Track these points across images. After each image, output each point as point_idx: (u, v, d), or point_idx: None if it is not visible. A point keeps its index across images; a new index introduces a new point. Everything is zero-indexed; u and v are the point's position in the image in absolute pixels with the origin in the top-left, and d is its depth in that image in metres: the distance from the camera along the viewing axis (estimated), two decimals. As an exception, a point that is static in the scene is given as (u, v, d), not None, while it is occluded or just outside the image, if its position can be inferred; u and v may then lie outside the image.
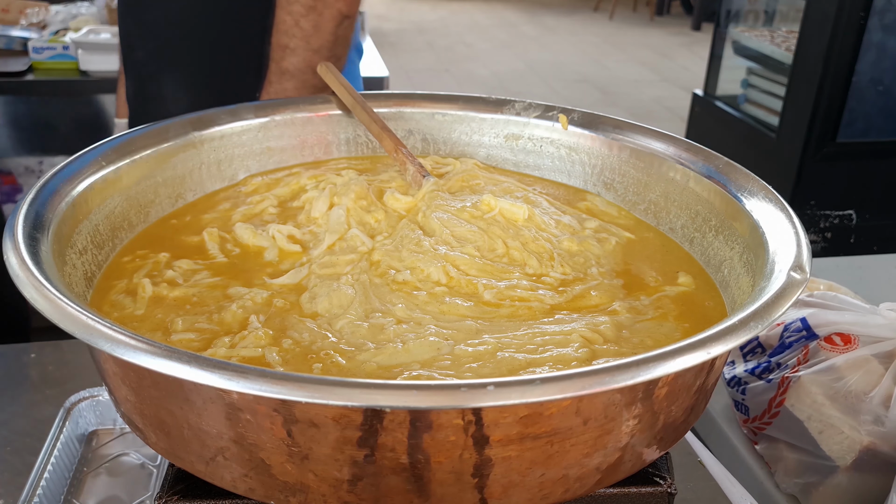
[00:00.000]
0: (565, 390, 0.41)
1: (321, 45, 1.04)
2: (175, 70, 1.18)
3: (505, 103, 0.89)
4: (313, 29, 1.03)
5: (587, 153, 0.85)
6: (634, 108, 5.48)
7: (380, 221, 0.73)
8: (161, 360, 0.41)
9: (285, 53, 1.05)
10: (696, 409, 0.55)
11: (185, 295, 0.62)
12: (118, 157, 0.71)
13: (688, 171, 0.74)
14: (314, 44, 1.04)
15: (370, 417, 0.42)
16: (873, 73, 2.58)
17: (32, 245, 0.53)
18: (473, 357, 0.54)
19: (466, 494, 0.46)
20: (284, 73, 1.06)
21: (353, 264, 0.66)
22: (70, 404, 0.91)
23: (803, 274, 0.53)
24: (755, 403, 0.96)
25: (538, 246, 0.69)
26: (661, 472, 0.56)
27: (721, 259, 0.68)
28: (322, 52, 1.05)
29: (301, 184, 0.81)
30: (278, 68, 1.06)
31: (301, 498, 0.47)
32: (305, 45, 1.04)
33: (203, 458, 0.48)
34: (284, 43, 1.04)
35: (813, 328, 0.93)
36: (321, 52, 1.05)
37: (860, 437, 0.84)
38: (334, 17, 1.03)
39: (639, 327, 0.60)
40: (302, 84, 1.06)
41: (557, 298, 0.63)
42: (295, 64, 1.05)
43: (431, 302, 0.61)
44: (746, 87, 3.11)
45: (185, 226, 0.74)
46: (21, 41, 2.42)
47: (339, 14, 1.03)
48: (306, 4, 1.02)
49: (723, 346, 0.45)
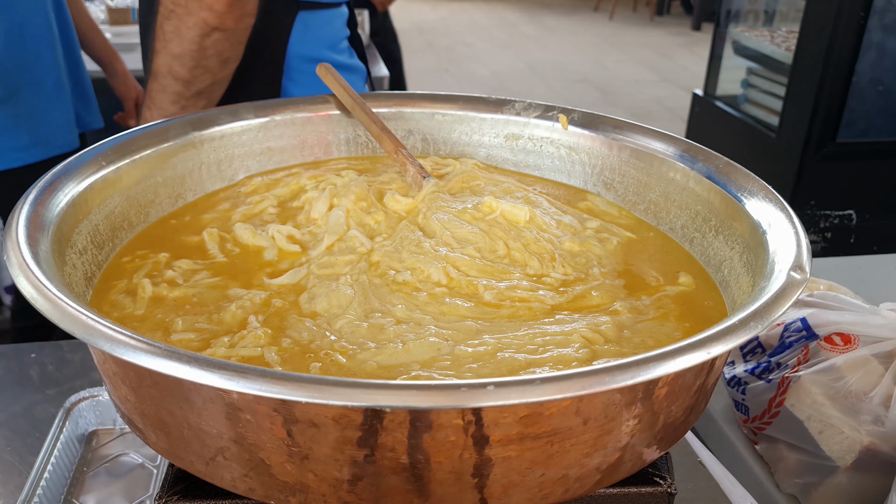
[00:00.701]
0: (565, 390, 0.41)
1: (182, 52, 0.99)
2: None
3: (505, 103, 0.89)
4: (173, 34, 0.99)
5: (587, 153, 0.85)
6: (634, 108, 5.49)
7: (379, 223, 0.73)
8: (161, 360, 0.41)
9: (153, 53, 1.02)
10: (696, 409, 0.55)
11: (185, 295, 0.62)
12: (118, 157, 0.71)
13: (688, 171, 0.74)
14: (174, 50, 1.00)
15: (370, 417, 0.42)
16: (873, 73, 2.58)
17: (32, 245, 0.53)
18: (473, 357, 0.54)
19: (466, 494, 0.46)
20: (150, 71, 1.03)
21: (352, 265, 0.66)
22: (70, 404, 0.91)
23: (803, 274, 0.53)
24: (755, 403, 0.96)
25: (539, 247, 0.69)
26: (661, 472, 0.56)
27: (721, 259, 0.68)
28: (184, 59, 1.00)
29: (301, 184, 0.81)
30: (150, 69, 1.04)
31: (301, 498, 0.47)
32: (165, 48, 1.00)
33: (203, 458, 0.48)
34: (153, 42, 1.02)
35: (813, 328, 0.93)
36: (183, 60, 1.00)
37: (860, 437, 0.84)
38: (198, 24, 0.97)
39: (640, 327, 0.60)
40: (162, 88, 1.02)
41: (558, 299, 0.63)
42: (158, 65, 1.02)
43: (431, 302, 0.61)
44: (746, 87, 3.11)
45: (184, 226, 0.74)
46: (21, 41, 2.41)
47: (204, 23, 0.97)
48: (167, 7, 0.98)
49: (723, 346, 0.45)
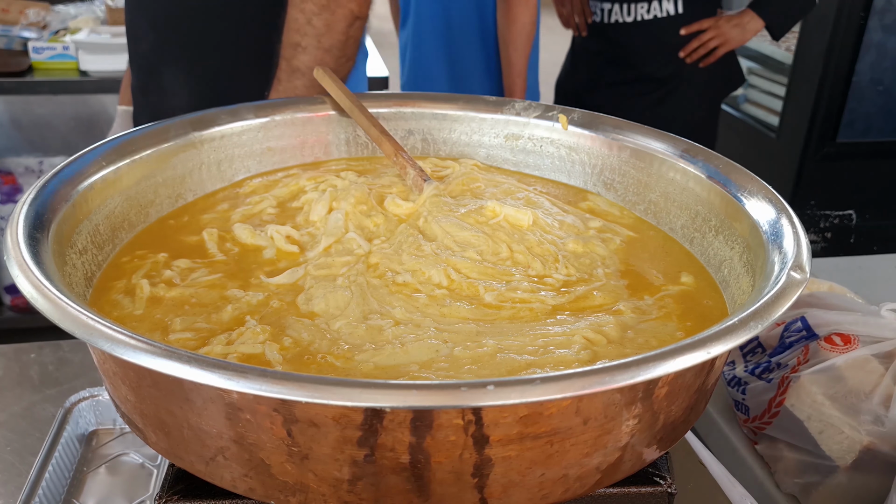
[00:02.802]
0: (565, 390, 0.41)
1: (332, 44, 1.05)
2: (177, 64, 1.19)
3: (505, 103, 0.89)
4: (325, 28, 1.04)
5: (587, 153, 0.84)
6: (635, 108, 5.47)
7: (378, 226, 0.72)
8: (161, 359, 0.41)
9: (297, 52, 1.06)
10: (696, 409, 0.55)
11: (184, 295, 0.62)
12: (118, 157, 0.71)
13: (688, 170, 0.74)
14: (325, 43, 1.05)
15: (370, 417, 0.42)
16: (873, 73, 2.58)
17: (32, 245, 0.53)
18: (472, 359, 0.54)
19: (466, 494, 0.46)
20: (295, 71, 1.07)
21: (349, 266, 0.66)
22: (70, 404, 0.91)
23: (803, 274, 0.53)
24: (755, 403, 0.96)
25: (543, 249, 0.69)
26: (661, 472, 0.56)
27: (721, 259, 0.68)
28: (333, 51, 1.06)
29: (300, 185, 0.81)
30: (289, 66, 1.08)
31: (301, 498, 0.47)
32: (317, 43, 1.05)
33: (203, 458, 0.48)
34: (296, 41, 1.06)
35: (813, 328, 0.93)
36: (332, 52, 1.06)
37: (860, 437, 0.84)
38: (346, 17, 1.04)
39: (643, 327, 0.60)
40: (311, 83, 1.07)
41: (559, 299, 0.63)
42: (305, 62, 1.07)
43: (431, 304, 0.61)
44: (746, 87, 3.11)
45: (183, 226, 0.74)
46: (21, 41, 2.41)
47: (352, 14, 1.05)
48: (319, 3, 1.03)
49: (723, 346, 0.45)
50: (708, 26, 1.97)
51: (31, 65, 2.33)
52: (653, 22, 1.98)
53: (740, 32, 1.99)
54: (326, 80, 0.90)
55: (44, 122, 2.71)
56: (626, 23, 2.01)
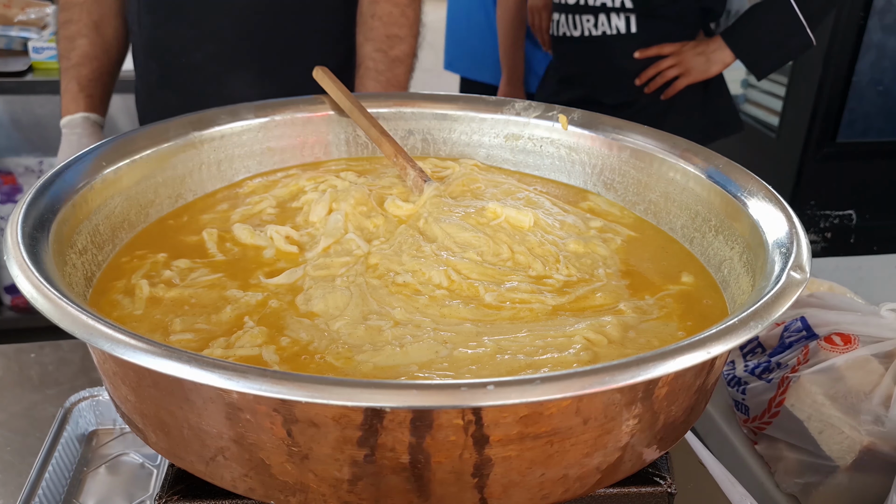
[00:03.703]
0: (565, 390, 0.41)
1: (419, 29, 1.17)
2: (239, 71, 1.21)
3: (505, 103, 0.89)
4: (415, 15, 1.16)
5: (587, 153, 0.84)
6: (634, 108, 5.46)
7: (378, 227, 0.72)
8: (161, 359, 0.41)
9: (395, 42, 1.15)
10: (696, 409, 0.55)
11: (183, 295, 0.62)
12: (118, 158, 0.71)
13: (688, 171, 0.74)
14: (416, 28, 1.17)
15: (370, 417, 0.42)
16: (873, 73, 2.58)
17: (32, 245, 0.53)
18: (472, 360, 0.54)
19: (466, 494, 0.46)
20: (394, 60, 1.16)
21: (348, 266, 0.66)
22: (70, 404, 0.91)
23: (803, 274, 0.53)
24: (755, 403, 0.96)
25: (544, 250, 0.69)
26: (661, 472, 0.56)
27: (721, 259, 0.68)
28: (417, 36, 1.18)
29: (300, 185, 0.81)
30: (387, 58, 1.16)
31: (301, 498, 0.47)
32: (411, 31, 1.16)
33: (203, 458, 0.48)
34: (394, 32, 1.15)
35: (813, 328, 0.93)
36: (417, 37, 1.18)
37: (860, 437, 0.84)
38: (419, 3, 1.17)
39: (644, 327, 0.59)
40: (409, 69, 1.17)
41: (560, 300, 0.63)
42: (404, 51, 1.16)
43: (432, 305, 0.61)
44: (746, 87, 3.11)
45: (183, 226, 0.74)
46: (21, 41, 2.41)
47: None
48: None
49: (723, 346, 0.45)
50: (669, 52, 1.68)
51: (31, 65, 2.33)
52: (601, 39, 1.70)
53: (703, 62, 1.68)
54: (326, 81, 0.90)
55: (44, 122, 2.70)
56: (574, 37, 1.75)
